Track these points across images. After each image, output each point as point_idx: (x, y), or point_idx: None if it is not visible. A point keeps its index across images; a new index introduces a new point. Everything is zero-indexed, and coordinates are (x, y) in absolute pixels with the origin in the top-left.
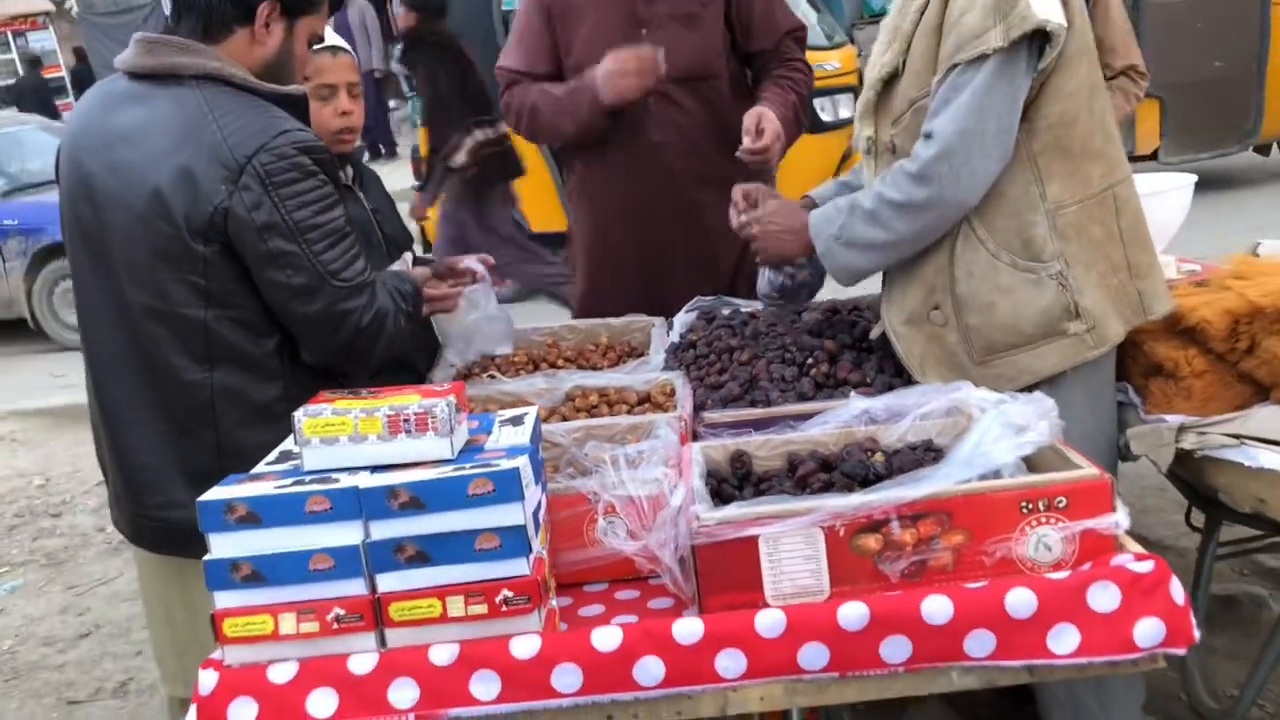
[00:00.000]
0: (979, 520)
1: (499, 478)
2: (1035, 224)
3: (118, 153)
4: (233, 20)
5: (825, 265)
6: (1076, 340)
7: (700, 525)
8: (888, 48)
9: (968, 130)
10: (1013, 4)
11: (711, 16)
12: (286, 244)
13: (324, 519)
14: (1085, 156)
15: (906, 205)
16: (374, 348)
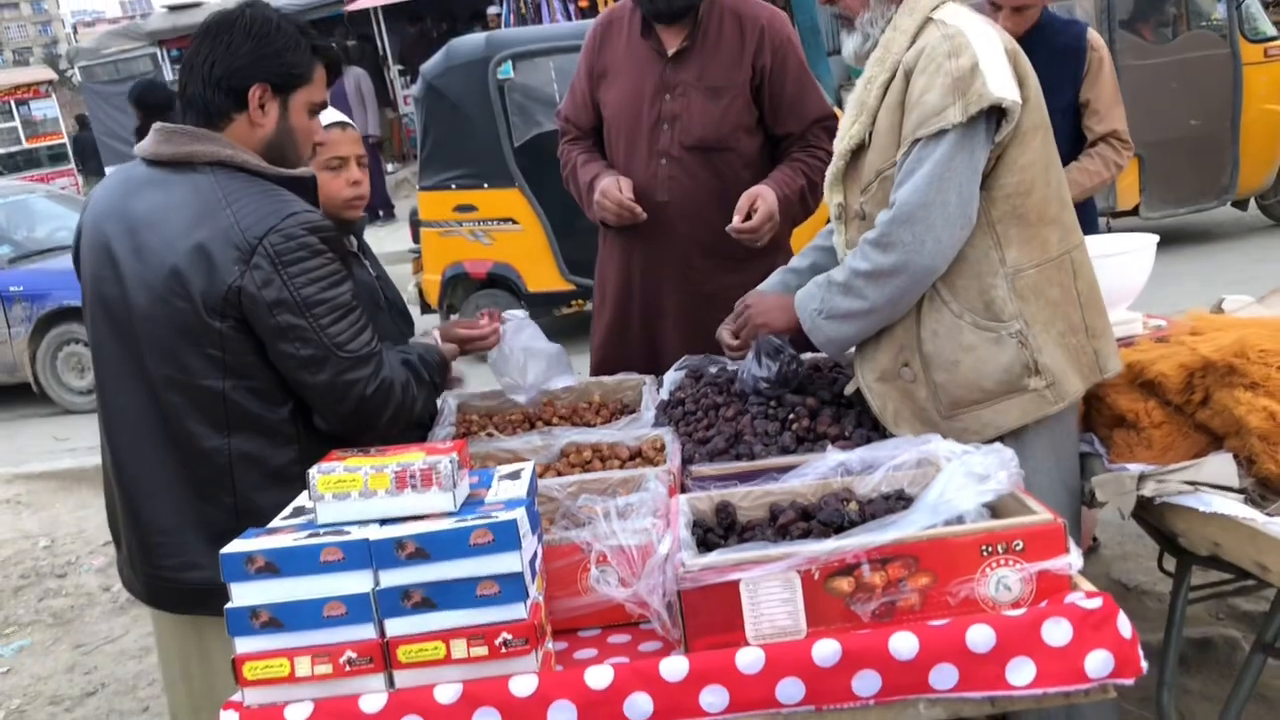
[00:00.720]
0: (943, 563)
1: (498, 528)
2: (995, 286)
3: (139, 236)
4: (229, 109)
5: (813, 340)
6: (1037, 396)
7: (685, 571)
8: (854, 121)
9: (930, 202)
10: (970, 82)
11: (736, 92)
12: (295, 318)
13: (337, 568)
14: (1042, 223)
15: (874, 273)
16: (381, 415)
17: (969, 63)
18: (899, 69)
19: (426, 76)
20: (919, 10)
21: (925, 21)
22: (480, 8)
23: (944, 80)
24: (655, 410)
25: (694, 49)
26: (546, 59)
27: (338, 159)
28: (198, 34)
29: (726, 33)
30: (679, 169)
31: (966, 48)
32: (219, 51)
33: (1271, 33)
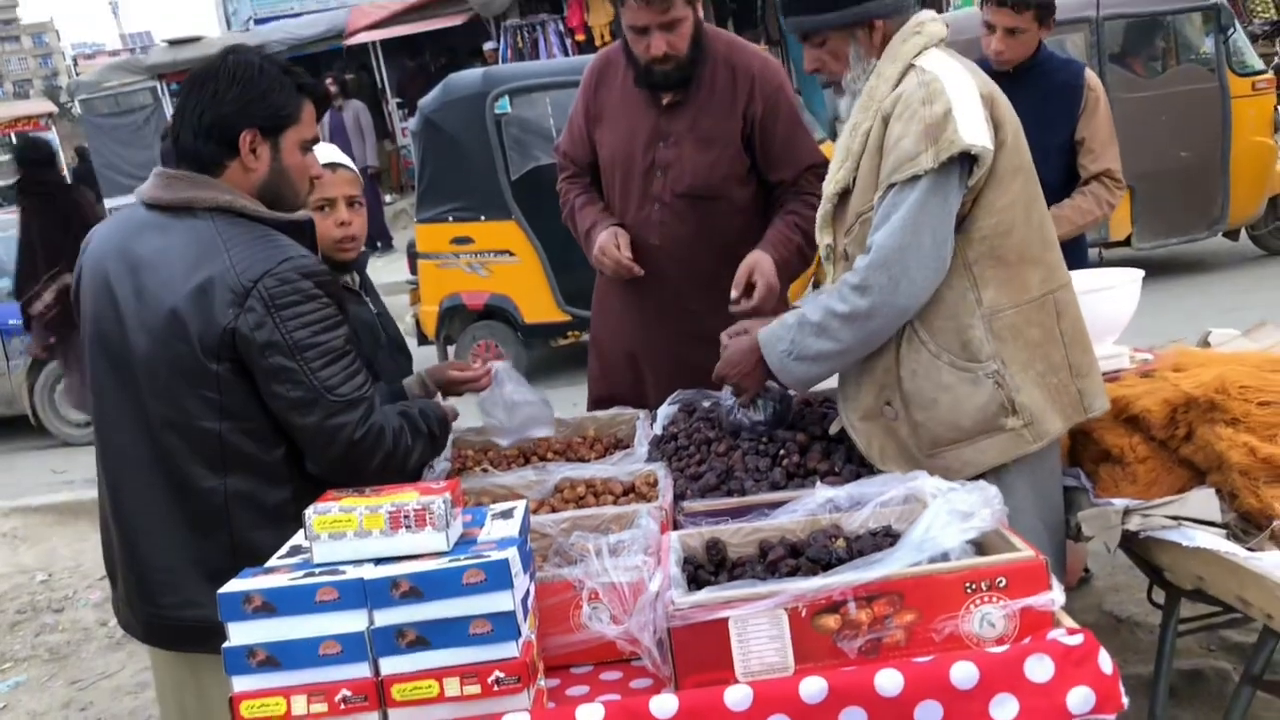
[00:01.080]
0: (928, 600)
1: (490, 568)
2: (972, 327)
3: (140, 278)
4: (221, 156)
5: (780, 379)
6: (1014, 435)
7: (675, 609)
8: (840, 165)
9: (905, 245)
10: (942, 129)
11: (728, 142)
12: (286, 360)
13: (332, 608)
14: (1023, 264)
15: (851, 315)
16: (370, 461)
17: (942, 109)
18: (880, 114)
19: (424, 111)
20: (901, 57)
21: (907, 68)
22: (478, 43)
23: (918, 127)
24: (649, 445)
25: (687, 100)
26: (543, 94)
27: (325, 200)
28: (184, 85)
29: (719, 83)
30: (671, 214)
31: (940, 94)
32: (206, 101)
33: (1259, 67)
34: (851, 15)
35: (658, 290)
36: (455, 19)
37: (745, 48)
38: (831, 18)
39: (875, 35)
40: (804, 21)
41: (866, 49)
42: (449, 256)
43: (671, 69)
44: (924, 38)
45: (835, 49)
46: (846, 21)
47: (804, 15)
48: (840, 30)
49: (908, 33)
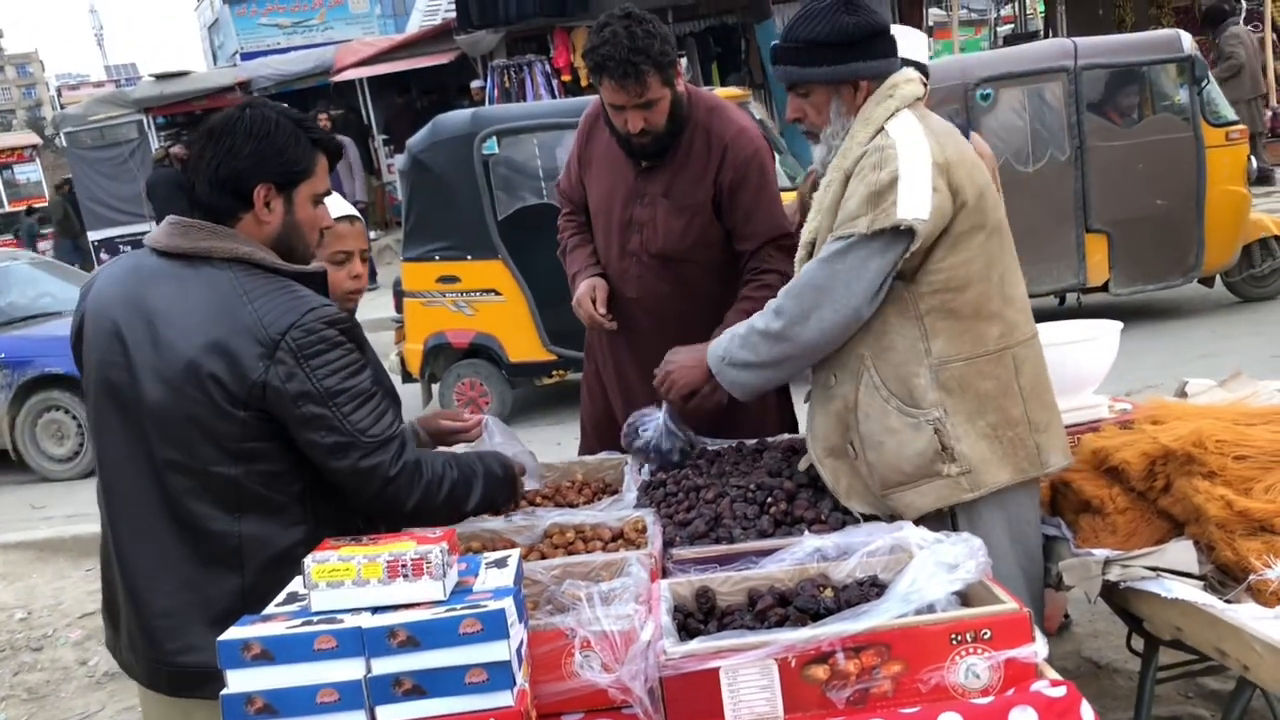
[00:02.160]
0: (914, 651)
1: (487, 618)
2: (918, 375)
3: (156, 328)
4: (236, 209)
5: (719, 381)
6: (951, 482)
7: (667, 659)
8: (815, 217)
9: (820, 285)
10: (882, 198)
11: (698, 210)
12: (319, 409)
13: (330, 656)
14: (978, 318)
15: (765, 333)
16: (408, 496)
17: (888, 178)
18: (842, 174)
19: (413, 150)
20: (874, 120)
21: (878, 131)
22: (465, 81)
23: (864, 190)
24: (637, 491)
25: (664, 163)
26: (530, 136)
27: (344, 253)
28: (200, 136)
29: (696, 150)
30: (646, 270)
31: (890, 162)
32: (221, 154)
33: (1231, 117)
34: (840, 74)
35: (636, 342)
36: (442, 58)
37: (725, 113)
38: (820, 73)
39: (859, 95)
40: (792, 72)
41: (848, 106)
42: (435, 295)
43: (649, 142)
44: (896, 100)
45: (818, 102)
46: (834, 79)
47: (793, 66)
48: (826, 85)
49: (881, 95)
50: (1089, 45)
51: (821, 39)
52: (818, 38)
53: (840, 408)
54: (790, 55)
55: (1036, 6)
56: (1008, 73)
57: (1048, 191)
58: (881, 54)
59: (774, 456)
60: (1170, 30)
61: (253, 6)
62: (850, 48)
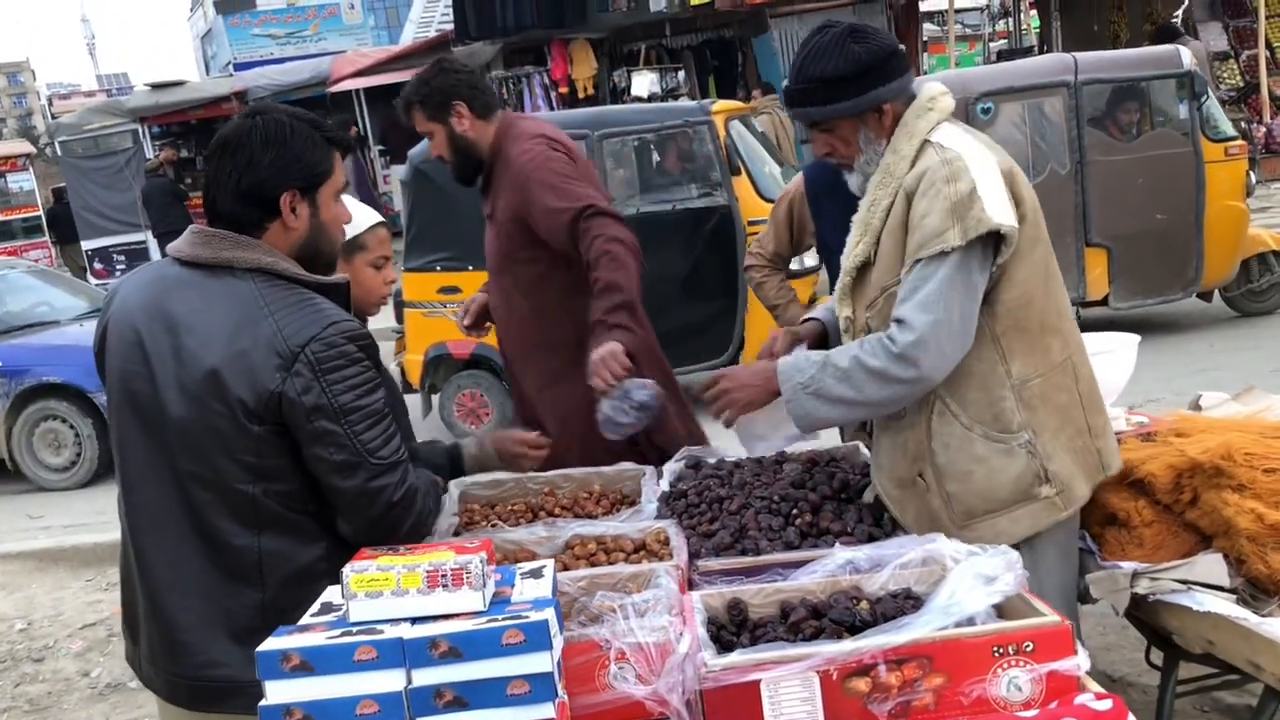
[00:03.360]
0: (957, 664)
1: (529, 629)
2: (1004, 398)
3: (178, 337)
4: (261, 218)
5: (789, 410)
6: (1047, 503)
7: (708, 671)
8: (860, 240)
9: (938, 321)
10: (969, 208)
11: (508, 226)
12: (331, 424)
13: (370, 667)
14: (1044, 332)
15: (882, 374)
16: (404, 523)
17: (967, 188)
18: (901, 191)
19: (414, 161)
20: (917, 133)
21: (923, 144)
22: None
23: (943, 204)
24: (658, 502)
25: (489, 186)
26: None
27: (384, 258)
28: (215, 150)
29: (498, 173)
30: (495, 288)
31: (965, 173)
32: (241, 166)
33: (1231, 133)
34: (861, 105)
35: (503, 348)
36: None
37: (517, 137)
38: (842, 108)
39: (885, 118)
40: (812, 113)
41: (876, 132)
42: (436, 306)
43: (452, 168)
44: (937, 113)
45: (846, 135)
46: (857, 110)
47: (812, 107)
48: (850, 118)
49: (920, 108)
50: (1089, 60)
51: (836, 74)
52: (832, 74)
53: (911, 440)
54: (806, 96)
55: (1030, 22)
56: (1008, 87)
57: (1048, 206)
58: (898, 73)
59: (794, 468)
60: (1170, 46)
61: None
62: (866, 76)
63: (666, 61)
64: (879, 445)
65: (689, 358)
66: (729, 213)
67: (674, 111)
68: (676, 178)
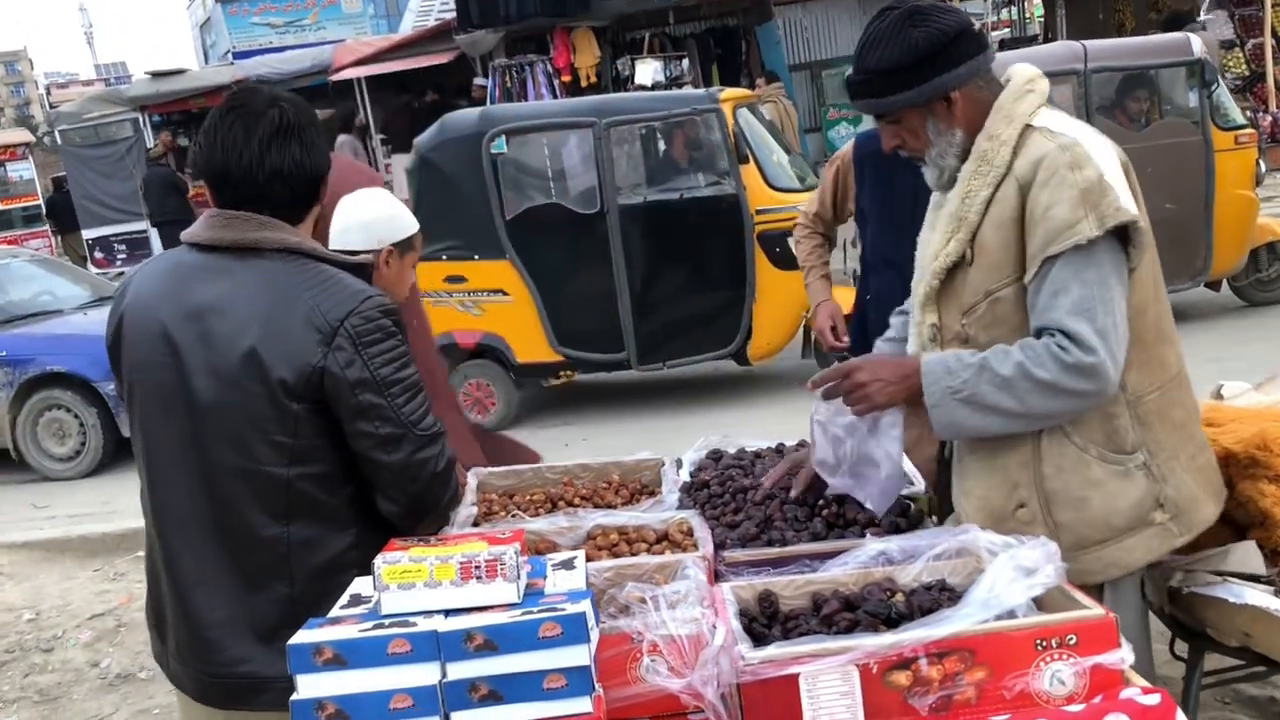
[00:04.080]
0: (998, 657)
1: (567, 621)
2: (1117, 415)
3: (207, 323)
4: (313, 202)
5: (931, 416)
6: (1161, 530)
7: (745, 664)
8: (950, 237)
9: (1105, 328)
10: (1102, 195)
11: None
12: (375, 397)
13: (404, 660)
14: (1159, 342)
15: (1053, 387)
16: (444, 495)
17: (1095, 175)
18: (1006, 181)
19: (421, 149)
20: (1017, 117)
21: (1025, 130)
22: (464, 81)
23: (1070, 193)
24: (679, 492)
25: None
26: (540, 135)
27: (419, 258)
28: (267, 134)
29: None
30: None
31: (1088, 160)
32: (305, 150)
33: (1240, 121)
34: (925, 94)
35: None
36: (442, 57)
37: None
38: (904, 98)
39: (954, 107)
40: (874, 104)
41: (947, 122)
42: (442, 295)
43: None
44: (1037, 95)
45: (913, 126)
46: (921, 100)
47: (874, 99)
48: (915, 108)
49: (1019, 90)
50: (1098, 48)
51: (894, 65)
52: (890, 65)
53: (1012, 464)
54: (867, 87)
55: (1034, 11)
56: None
57: None
58: (967, 56)
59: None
60: (1180, 34)
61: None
62: (928, 63)
63: (669, 50)
64: (966, 470)
65: (695, 348)
66: (737, 201)
67: (682, 99)
68: (684, 166)
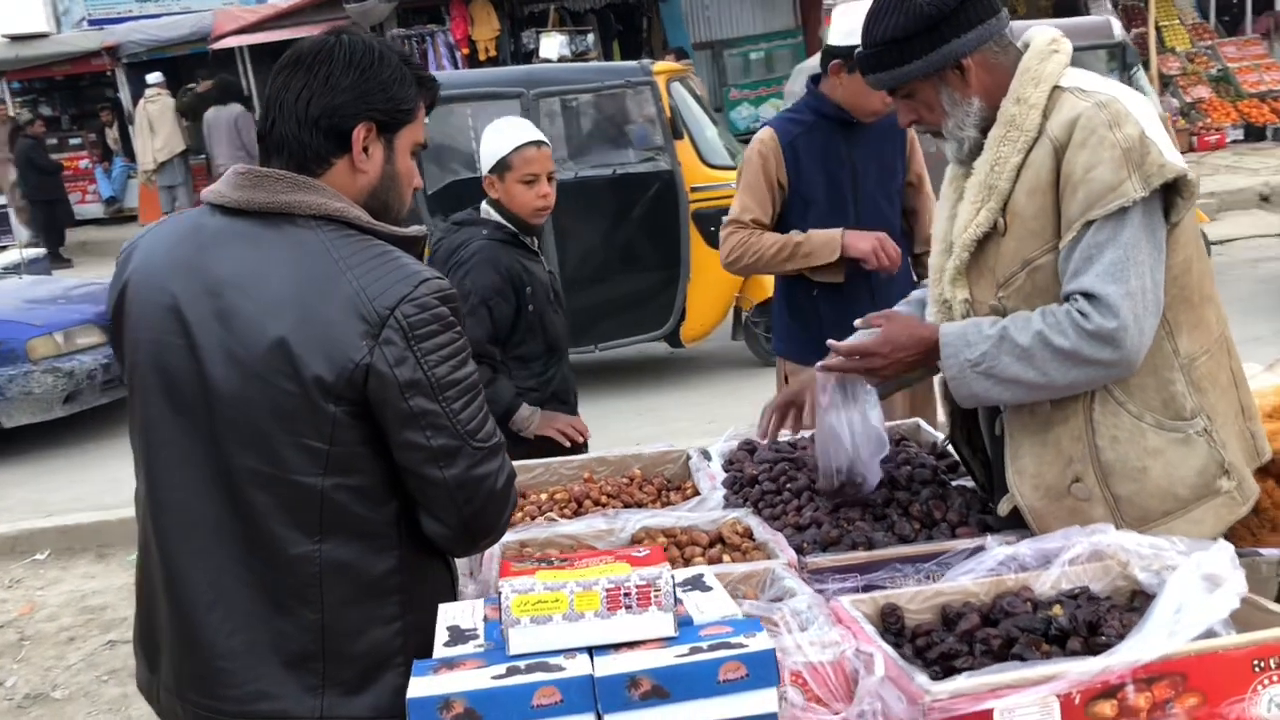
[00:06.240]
0: (1212, 681)
1: (752, 660)
2: (1173, 381)
3: (226, 300)
4: (328, 152)
5: (951, 388)
6: (1228, 499)
7: (933, 699)
8: (980, 207)
9: (1133, 292)
10: (1145, 153)
11: None
12: (428, 402)
13: (552, 713)
14: (1203, 303)
15: (1073, 355)
16: (501, 517)
17: (1135, 132)
18: (1038, 145)
19: None
20: (1045, 79)
21: (1054, 90)
22: None
23: (1112, 153)
24: (724, 489)
25: None
26: (464, 106)
27: (532, 175)
28: (285, 65)
29: None
30: None
31: (1127, 117)
32: (316, 85)
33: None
34: (934, 62)
35: None
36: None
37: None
38: (914, 69)
39: (968, 74)
40: (884, 78)
41: (961, 91)
42: None
43: None
44: (1064, 55)
45: (926, 99)
46: (931, 69)
47: (883, 72)
48: (926, 79)
49: (1043, 51)
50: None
51: (902, 33)
52: (898, 33)
53: (1065, 437)
54: (876, 61)
55: None
56: None
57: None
58: (977, 20)
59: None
60: (1101, 17)
61: None
62: (936, 29)
63: (569, 24)
64: (1017, 447)
65: (628, 329)
66: (672, 178)
67: (615, 71)
68: (616, 141)
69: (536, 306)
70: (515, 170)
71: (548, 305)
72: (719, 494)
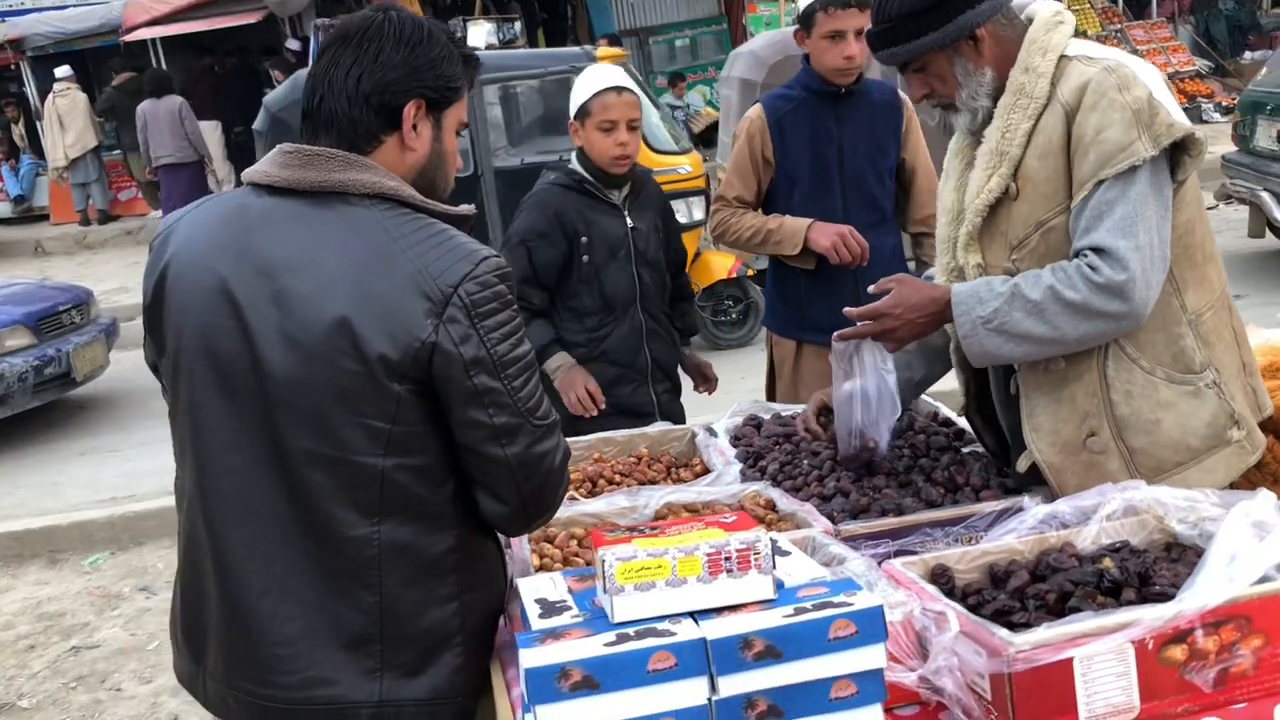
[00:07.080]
0: (1275, 622)
1: (861, 617)
2: (1182, 335)
3: (280, 281)
4: (378, 130)
5: (964, 346)
6: (1238, 448)
7: (1017, 651)
8: (992, 172)
9: (1141, 246)
10: (1154, 115)
11: None
12: (491, 380)
13: (667, 677)
14: (1205, 260)
15: (1083, 308)
16: (557, 494)
17: (1144, 94)
18: (1048, 111)
19: (272, 108)
20: (1052, 48)
21: (1062, 60)
22: (273, 43)
23: (1122, 115)
24: (738, 463)
25: None
26: None
27: (609, 122)
28: (333, 41)
29: None
30: None
31: (1135, 80)
32: (366, 62)
33: None
34: (949, 34)
35: None
36: (248, 17)
37: None
38: (927, 41)
39: (982, 45)
40: (897, 53)
41: (975, 62)
42: None
43: None
44: (1069, 25)
45: (940, 71)
46: (945, 41)
47: (896, 47)
48: (939, 51)
49: (1049, 22)
50: None
51: (916, 6)
52: (912, 6)
53: (1079, 393)
54: (888, 37)
55: None
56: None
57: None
58: None
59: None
60: None
61: None
62: (950, 0)
63: (494, 12)
64: (1034, 405)
65: None
66: None
67: (558, 57)
68: (560, 127)
69: (594, 259)
70: (594, 116)
71: (611, 260)
72: (734, 469)
